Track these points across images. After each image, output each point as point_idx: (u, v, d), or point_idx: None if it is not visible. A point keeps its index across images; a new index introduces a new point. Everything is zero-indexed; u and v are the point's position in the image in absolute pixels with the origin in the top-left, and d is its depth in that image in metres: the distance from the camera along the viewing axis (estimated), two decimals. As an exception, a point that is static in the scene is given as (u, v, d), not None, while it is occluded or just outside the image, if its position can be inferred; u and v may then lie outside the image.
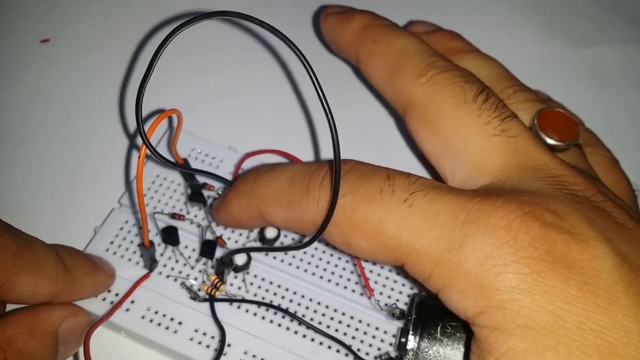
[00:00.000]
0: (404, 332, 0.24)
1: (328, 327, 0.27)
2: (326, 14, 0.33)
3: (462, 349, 0.23)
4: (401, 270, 0.26)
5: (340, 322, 0.27)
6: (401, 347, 0.24)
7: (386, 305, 0.27)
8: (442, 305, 0.24)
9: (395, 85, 0.27)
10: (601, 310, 0.18)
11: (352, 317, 0.27)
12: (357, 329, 0.27)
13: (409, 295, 0.28)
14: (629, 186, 0.28)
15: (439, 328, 0.24)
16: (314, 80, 0.18)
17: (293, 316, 0.26)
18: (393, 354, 0.26)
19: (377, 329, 0.27)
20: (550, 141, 0.25)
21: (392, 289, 0.28)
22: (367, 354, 0.26)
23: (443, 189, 0.22)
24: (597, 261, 0.19)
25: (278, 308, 0.27)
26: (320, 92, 0.18)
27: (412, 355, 0.24)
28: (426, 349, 0.24)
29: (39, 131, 0.34)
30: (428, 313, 0.24)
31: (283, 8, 0.41)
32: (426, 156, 0.26)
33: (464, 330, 0.24)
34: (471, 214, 0.20)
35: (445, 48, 0.31)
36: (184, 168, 0.30)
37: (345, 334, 0.27)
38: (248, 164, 0.31)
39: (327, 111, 0.18)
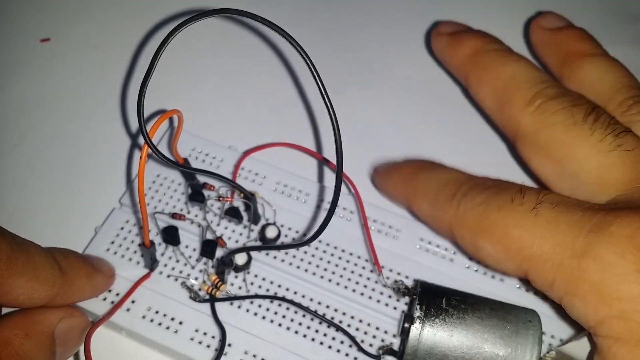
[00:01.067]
0: (407, 317, 0.24)
1: (329, 327, 0.27)
2: (438, 33, 0.34)
3: (466, 319, 0.24)
4: (528, 284, 0.26)
5: (340, 321, 0.27)
6: (404, 332, 0.24)
7: (393, 281, 0.27)
8: (445, 287, 0.25)
9: (505, 114, 0.28)
10: None
11: (352, 317, 0.27)
12: (357, 329, 0.27)
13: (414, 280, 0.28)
14: None
15: (444, 300, 0.25)
16: (316, 76, 0.18)
17: (299, 306, 0.27)
18: (395, 347, 0.26)
19: (377, 328, 0.27)
20: None
21: (399, 273, 0.28)
22: (367, 353, 0.26)
23: (571, 202, 0.22)
24: None
25: (282, 299, 0.27)
26: (322, 88, 0.18)
27: (419, 322, 0.24)
28: (433, 317, 0.24)
29: (39, 131, 0.34)
30: (432, 291, 0.25)
31: (283, 5, 0.41)
32: (542, 180, 0.27)
33: (468, 303, 0.25)
34: (596, 224, 0.21)
35: (570, 50, 0.31)
36: (184, 167, 0.30)
37: (346, 333, 0.27)
38: (247, 163, 0.31)
39: (329, 107, 0.18)
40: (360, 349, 0.26)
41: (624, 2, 0.43)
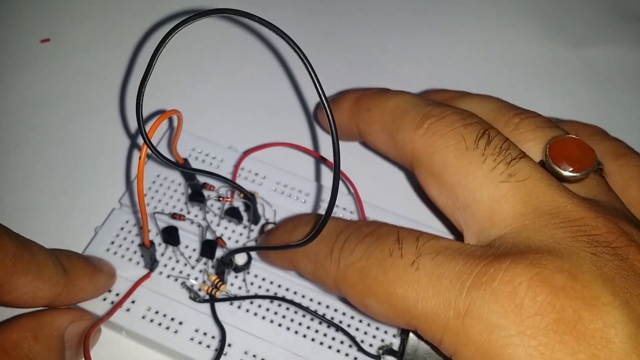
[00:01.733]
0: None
1: (328, 327, 0.27)
2: (320, 107, 0.33)
3: None
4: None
5: (340, 322, 0.27)
6: (404, 332, 0.24)
7: None
8: None
9: (397, 143, 0.26)
10: None
11: (352, 317, 0.27)
12: (357, 329, 0.27)
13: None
14: (626, 147, 0.27)
15: None
16: (313, 76, 0.18)
17: (299, 306, 0.27)
18: (395, 347, 0.26)
19: (377, 328, 0.27)
20: (565, 173, 0.23)
21: None
22: (367, 353, 0.26)
23: (451, 251, 0.21)
24: (609, 331, 0.18)
25: (282, 299, 0.27)
26: (319, 89, 0.18)
27: None
28: None
29: (39, 131, 0.34)
30: None
31: (282, 5, 0.41)
32: (440, 209, 0.26)
33: None
34: (477, 279, 0.20)
35: (438, 99, 0.29)
36: (184, 167, 0.30)
37: (346, 333, 0.27)
38: (247, 163, 0.31)
39: (326, 107, 0.18)
40: (360, 349, 0.26)
41: (624, 2, 0.43)
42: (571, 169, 0.23)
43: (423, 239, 0.22)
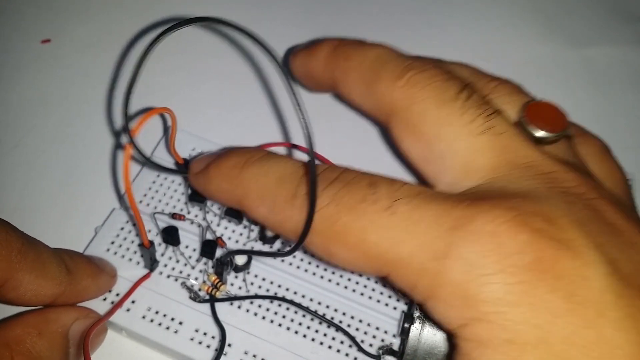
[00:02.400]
0: (407, 317, 0.24)
1: (329, 327, 0.27)
2: (293, 54, 0.32)
3: None
4: (386, 282, 0.26)
5: (340, 321, 0.27)
6: (404, 332, 0.24)
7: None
8: None
9: (375, 94, 0.26)
10: (588, 324, 0.18)
11: (352, 317, 0.27)
12: (357, 329, 0.27)
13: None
14: (623, 176, 0.27)
15: None
16: (289, 84, 0.18)
17: (299, 306, 0.27)
18: (395, 346, 0.26)
19: (377, 328, 0.27)
20: (539, 133, 0.24)
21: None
22: (367, 353, 0.26)
23: (428, 195, 0.21)
24: (587, 269, 0.18)
25: (282, 299, 0.27)
26: (295, 99, 0.18)
27: (419, 322, 0.24)
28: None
29: (39, 131, 0.34)
30: None
31: (282, 5, 0.41)
32: (412, 163, 0.25)
33: None
34: (456, 221, 0.19)
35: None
36: (177, 171, 0.29)
37: (346, 333, 0.27)
38: (248, 164, 0.31)
39: (302, 117, 0.18)
40: (360, 349, 0.26)
41: (624, 2, 0.43)
42: (546, 128, 0.24)
43: (396, 184, 0.21)
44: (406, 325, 0.24)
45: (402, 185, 0.21)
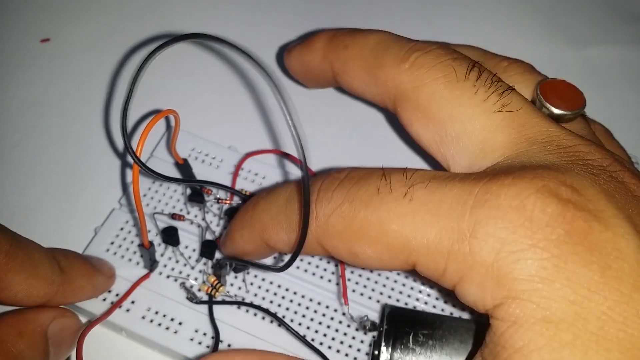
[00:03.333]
0: (376, 344, 0.24)
1: (328, 327, 0.27)
2: (288, 50, 0.31)
3: (434, 358, 0.23)
4: (416, 275, 0.25)
5: (340, 322, 0.27)
6: (374, 359, 0.24)
7: (358, 317, 0.26)
8: (413, 314, 0.23)
9: (379, 80, 0.25)
10: (625, 299, 0.17)
11: (352, 317, 0.27)
12: (357, 329, 0.27)
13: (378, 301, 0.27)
14: (627, 156, 0.27)
15: (410, 337, 0.23)
16: (280, 98, 0.18)
17: (277, 319, 0.26)
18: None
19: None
20: (556, 111, 0.23)
21: (370, 298, 0.28)
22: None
23: (445, 176, 0.20)
24: (620, 241, 0.17)
25: (264, 311, 0.27)
26: (287, 112, 0.18)
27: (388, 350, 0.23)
28: (399, 359, 0.23)
29: (39, 131, 0.34)
30: (399, 323, 0.24)
31: (282, 5, 0.41)
32: (424, 147, 0.24)
33: (436, 338, 0.23)
34: (479, 198, 0.18)
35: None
36: (176, 180, 0.29)
37: (345, 333, 0.27)
38: (248, 164, 0.31)
39: (291, 125, 0.18)
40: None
41: (624, 2, 0.43)
42: (564, 106, 0.23)
43: (409, 171, 0.21)
44: (375, 352, 0.24)
45: (415, 171, 0.21)
